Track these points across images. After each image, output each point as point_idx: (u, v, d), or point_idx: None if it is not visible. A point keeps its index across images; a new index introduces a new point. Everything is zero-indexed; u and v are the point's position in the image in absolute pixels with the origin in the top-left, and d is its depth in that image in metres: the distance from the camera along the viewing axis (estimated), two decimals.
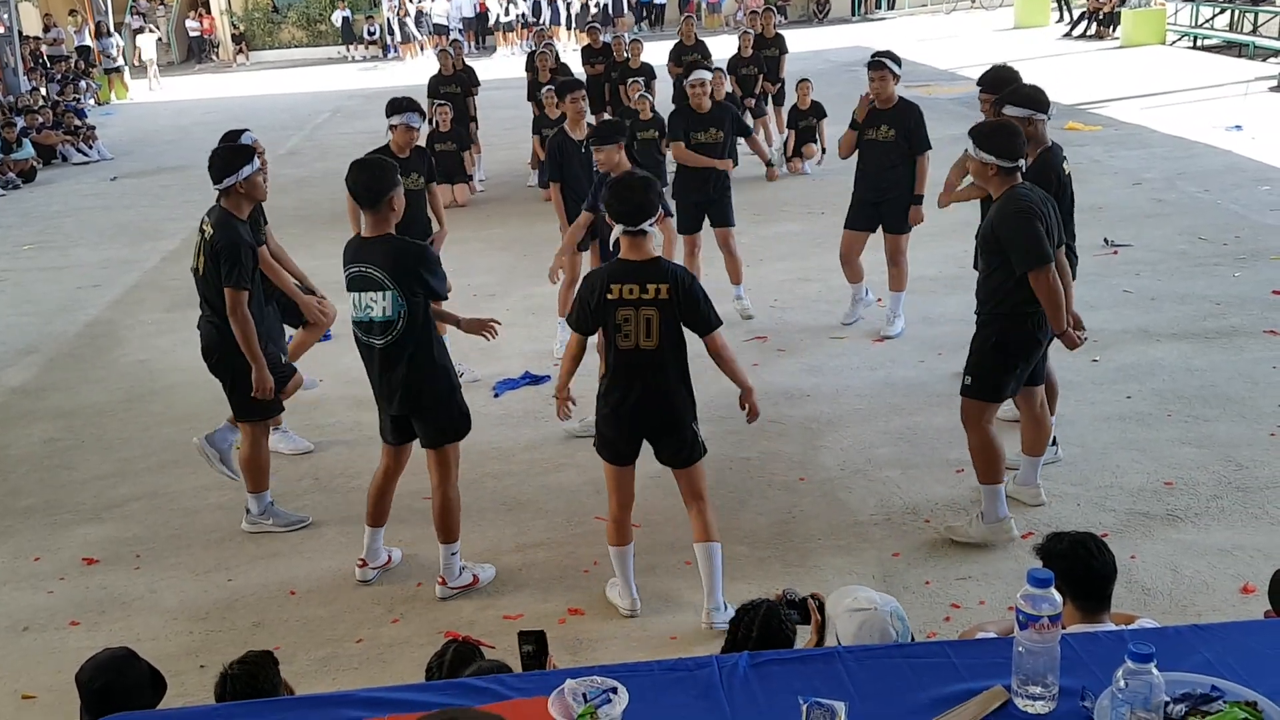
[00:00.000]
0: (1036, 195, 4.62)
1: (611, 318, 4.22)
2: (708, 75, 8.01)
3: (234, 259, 5.03)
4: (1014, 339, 4.73)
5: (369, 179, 4.57)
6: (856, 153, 7.31)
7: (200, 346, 5.42)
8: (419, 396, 4.63)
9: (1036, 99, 5.19)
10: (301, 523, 5.60)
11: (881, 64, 7.05)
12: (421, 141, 7.66)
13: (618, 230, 4.22)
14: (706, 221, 7.89)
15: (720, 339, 4.27)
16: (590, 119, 8.83)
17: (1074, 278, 5.20)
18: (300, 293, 6.16)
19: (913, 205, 7.20)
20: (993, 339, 4.74)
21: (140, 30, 30.36)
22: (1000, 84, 5.57)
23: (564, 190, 7.31)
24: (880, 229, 7.37)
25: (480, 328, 4.90)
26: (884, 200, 7.24)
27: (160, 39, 31.28)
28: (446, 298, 4.89)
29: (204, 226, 5.25)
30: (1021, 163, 4.58)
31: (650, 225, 4.21)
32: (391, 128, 6.87)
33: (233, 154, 5.26)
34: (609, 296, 4.20)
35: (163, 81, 28.85)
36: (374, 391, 4.75)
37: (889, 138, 7.11)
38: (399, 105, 6.85)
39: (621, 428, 4.39)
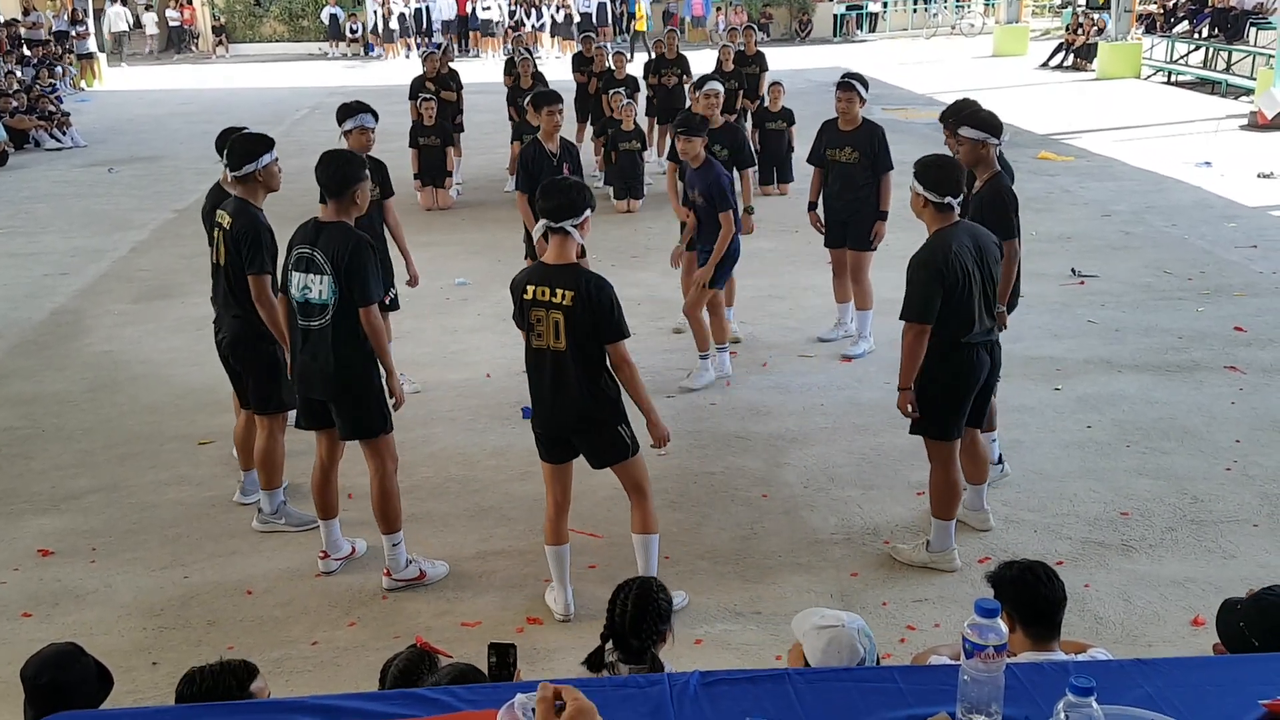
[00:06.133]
0: (958, 243, 4.58)
1: (527, 317, 4.30)
2: (720, 87, 7.72)
3: (256, 244, 5.03)
4: (950, 371, 4.71)
5: (338, 167, 4.65)
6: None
7: (224, 341, 5.38)
8: (339, 385, 4.67)
9: (991, 123, 5.32)
10: (314, 523, 5.40)
11: (850, 85, 7.22)
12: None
13: (540, 226, 4.30)
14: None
15: (622, 351, 4.28)
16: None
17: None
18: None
19: (877, 220, 7.31)
20: (930, 375, 4.73)
21: (112, 3, 30.43)
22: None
23: (533, 201, 7.25)
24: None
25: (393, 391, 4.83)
26: (849, 219, 7.38)
27: (137, 25, 31.21)
28: (375, 301, 4.62)
29: (220, 219, 5.21)
30: (951, 200, 4.58)
31: (572, 226, 4.25)
32: (345, 134, 6.54)
33: (254, 142, 5.19)
34: (525, 297, 4.28)
35: (125, 65, 28.83)
36: (291, 374, 4.82)
37: (853, 159, 7.26)
38: (350, 109, 6.55)
39: (542, 424, 4.48)
